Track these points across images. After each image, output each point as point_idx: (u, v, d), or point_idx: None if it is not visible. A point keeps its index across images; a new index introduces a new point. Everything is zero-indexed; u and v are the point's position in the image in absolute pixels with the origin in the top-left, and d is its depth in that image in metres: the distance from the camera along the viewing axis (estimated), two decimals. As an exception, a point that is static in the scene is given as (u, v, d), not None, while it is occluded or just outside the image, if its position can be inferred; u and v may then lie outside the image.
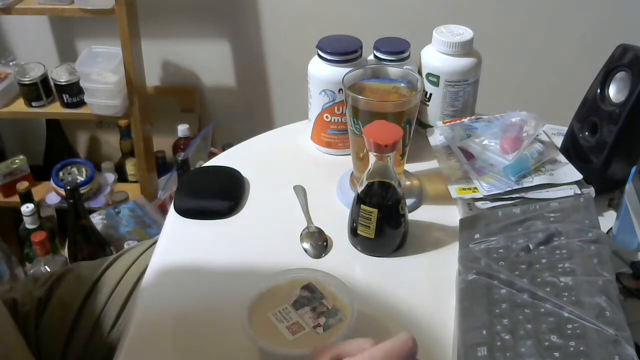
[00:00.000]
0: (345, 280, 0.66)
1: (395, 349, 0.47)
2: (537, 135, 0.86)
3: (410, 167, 0.91)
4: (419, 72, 0.93)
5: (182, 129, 1.84)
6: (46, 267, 1.50)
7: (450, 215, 0.82)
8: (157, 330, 0.69)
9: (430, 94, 0.93)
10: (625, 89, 0.79)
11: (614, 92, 0.81)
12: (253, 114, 2.02)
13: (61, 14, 1.54)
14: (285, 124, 1.04)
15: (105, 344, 0.80)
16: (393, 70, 0.85)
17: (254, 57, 1.92)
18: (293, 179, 0.90)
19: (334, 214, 0.83)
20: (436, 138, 0.91)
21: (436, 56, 0.91)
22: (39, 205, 1.70)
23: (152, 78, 1.92)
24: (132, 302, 0.82)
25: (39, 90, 1.64)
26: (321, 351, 0.50)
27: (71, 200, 1.48)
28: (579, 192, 0.79)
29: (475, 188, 0.81)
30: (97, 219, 1.64)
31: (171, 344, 0.68)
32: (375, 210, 0.73)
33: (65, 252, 1.61)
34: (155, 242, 0.88)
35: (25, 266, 1.61)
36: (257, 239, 0.81)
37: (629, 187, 0.73)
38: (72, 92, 1.64)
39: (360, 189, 0.74)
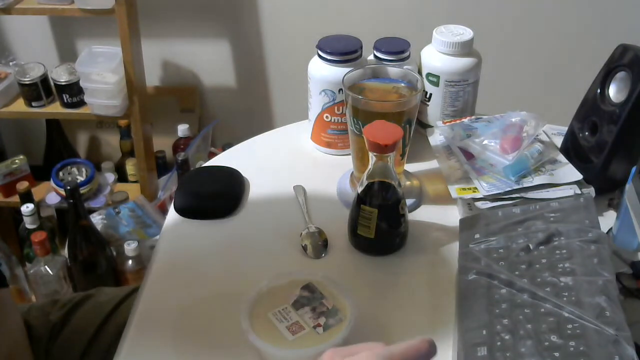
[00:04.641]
0: (345, 280, 0.66)
1: (412, 347, 0.47)
2: (537, 135, 0.86)
3: (410, 167, 0.91)
4: (419, 72, 0.93)
5: (182, 129, 1.84)
6: (46, 267, 1.50)
7: (450, 215, 0.82)
8: (157, 330, 0.69)
9: (430, 94, 0.93)
10: (625, 89, 0.79)
11: (614, 92, 0.81)
12: (253, 114, 2.02)
13: (61, 14, 1.54)
14: (285, 124, 1.04)
15: None
16: (393, 70, 0.85)
17: (254, 57, 1.92)
18: (293, 179, 0.90)
19: (334, 214, 0.83)
20: (436, 138, 0.91)
21: (436, 56, 0.91)
22: (39, 205, 1.70)
23: (152, 78, 1.92)
24: None
25: (39, 90, 1.64)
26: (335, 354, 0.49)
27: (71, 200, 1.48)
28: (579, 192, 0.79)
29: (475, 188, 0.81)
30: (97, 219, 1.64)
31: (171, 343, 0.67)
32: (375, 210, 0.73)
33: (65, 252, 1.61)
34: None
35: (25, 266, 1.61)
36: (257, 239, 0.81)
37: (629, 187, 0.73)
38: (72, 92, 1.63)
39: (360, 189, 0.74)
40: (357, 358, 0.46)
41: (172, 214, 0.86)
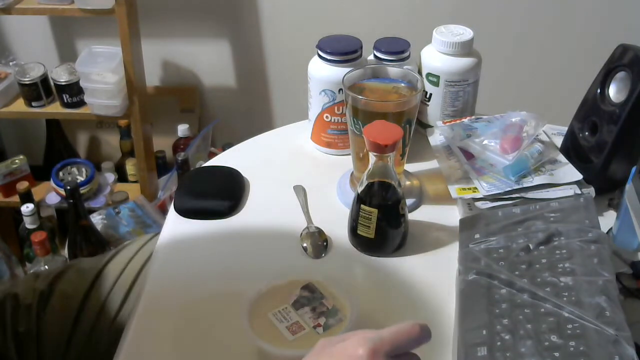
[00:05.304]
0: (345, 280, 0.66)
1: (403, 331, 0.48)
2: (537, 135, 0.86)
3: (410, 167, 0.91)
4: (419, 72, 0.93)
5: (182, 129, 1.84)
6: (46, 267, 1.50)
7: (450, 215, 0.82)
8: (157, 330, 0.69)
9: (430, 94, 0.93)
10: (625, 89, 0.79)
11: (614, 92, 0.81)
12: (253, 114, 2.02)
13: (61, 14, 1.54)
14: (285, 124, 1.04)
15: (108, 335, 0.81)
16: (393, 70, 0.85)
17: (254, 57, 1.92)
18: (293, 179, 0.90)
19: (334, 214, 0.83)
20: (436, 138, 0.91)
21: (436, 56, 0.91)
22: (39, 205, 1.70)
23: (152, 78, 1.92)
24: (134, 292, 0.83)
25: (39, 90, 1.64)
26: (328, 343, 0.50)
27: (71, 200, 1.48)
28: (579, 192, 0.79)
29: (475, 188, 0.81)
30: (97, 219, 1.64)
31: (171, 343, 0.68)
32: (375, 210, 0.73)
33: (65, 252, 1.61)
34: (155, 235, 0.88)
35: (25, 266, 1.62)
36: (257, 239, 0.81)
37: (629, 187, 0.73)
38: (72, 92, 1.63)
39: (360, 189, 0.74)
40: (347, 342, 0.48)
41: (172, 214, 0.86)
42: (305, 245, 0.79)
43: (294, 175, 0.91)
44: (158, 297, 0.73)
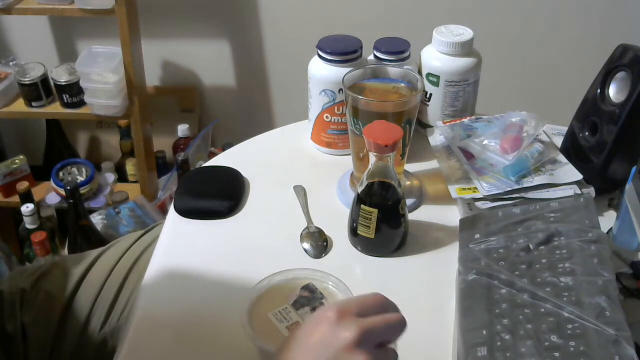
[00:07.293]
0: (345, 280, 0.66)
1: (367, 296, 0.53)
2: (537, 135, 0.86)
3: (410, 167, 0.91)
4: (419, 72, 0.93)
5: (182, 129, 1.84)
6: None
7: (450, 215, 0.82)
8: (157, 330, 0.69)
9: (430, 94, 0.93)
10: (625, 89, 0.79)
11: (614, 92, 0.81)
12: (253, 114, 2.02)
13: (61, 14, 1.54)
14: (285, 124, 1.04)
15: (99, 337, 0.81)
16: (393, 70, 0.85)
17: (254, 57, 1.92)
18: (293, 179, 0.90)
19: (334, 214, 0.83)
20: (436, 138, 0.91)
21: (436, 56, 0.91)
22: (39, 205, 1.70)
23: (152, 78, 1.92)
24: (123, 295, 0.83)
25: (39, 90, 1.64)
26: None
27: (71, 200, 1.48)
28: (579, 192, 0.79)
29: (475, 188, 0.81)
30: (97, 219, 1.64)
31: (171, 344, 0.68)
32: (375, 210, 0.73)
33: (65, 252, 1.61)
34: (143, 234, 0.88)
35: (25, 266, 1.61)
36: (257, 239, 0.81)
37: (629, 187, 0.73)
38: (72, 92, 1.63)
39: (360, 189, 0.74)
40: (316, 312, 0.52)
41: (172, 214, 0.86)
42: (305, 245, 0.79)
43: (294, 175, 0.91)
44: (158, 297, 0.73)
